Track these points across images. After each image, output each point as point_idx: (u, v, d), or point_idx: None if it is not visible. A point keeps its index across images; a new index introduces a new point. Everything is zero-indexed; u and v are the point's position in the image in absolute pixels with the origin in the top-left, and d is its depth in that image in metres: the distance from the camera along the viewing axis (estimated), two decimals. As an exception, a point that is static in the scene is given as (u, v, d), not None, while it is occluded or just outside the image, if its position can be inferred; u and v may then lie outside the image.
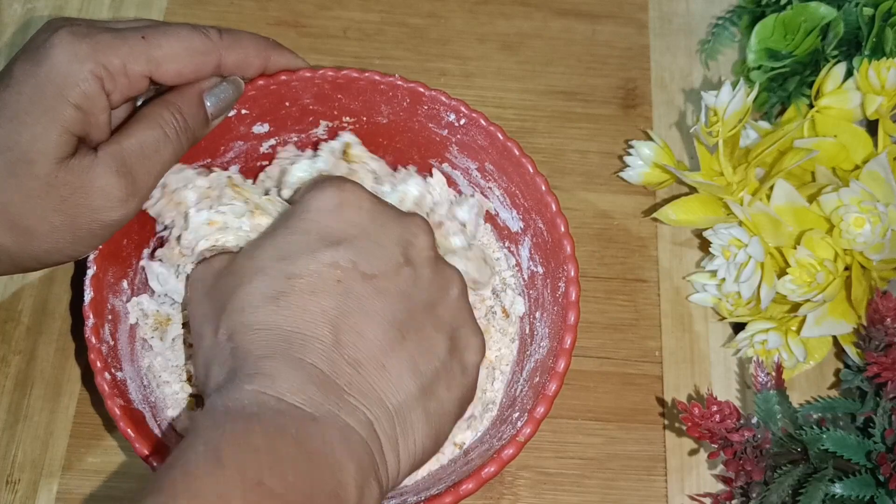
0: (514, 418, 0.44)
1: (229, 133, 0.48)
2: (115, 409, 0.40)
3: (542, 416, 0.41)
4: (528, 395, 0.44)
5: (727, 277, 0.50)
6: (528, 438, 0.41)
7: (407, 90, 0.48)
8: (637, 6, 0.62)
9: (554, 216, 0.45)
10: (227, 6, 0.61)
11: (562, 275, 0.45)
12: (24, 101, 0.39)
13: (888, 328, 0.47)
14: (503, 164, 0.48)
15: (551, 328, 0.45)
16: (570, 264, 0.44)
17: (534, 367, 0.45)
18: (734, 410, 0.45)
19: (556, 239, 0.45)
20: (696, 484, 0.49)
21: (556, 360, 0.42)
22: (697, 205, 0.53)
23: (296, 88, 0.47)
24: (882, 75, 0.52)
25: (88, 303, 0.42)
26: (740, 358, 0.52)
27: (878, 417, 0.45)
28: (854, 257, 0.49)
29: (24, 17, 0.60)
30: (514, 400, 0.45)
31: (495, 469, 0.40)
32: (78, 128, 0.40)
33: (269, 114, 0.48)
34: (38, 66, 0.40)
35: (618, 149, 0.58)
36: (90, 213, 0.41)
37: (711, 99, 0.52)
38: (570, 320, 0.43)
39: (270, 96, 0.47)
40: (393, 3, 0.62)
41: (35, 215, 0.40)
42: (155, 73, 0.42)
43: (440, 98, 0.47)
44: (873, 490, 0.43)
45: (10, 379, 0.50)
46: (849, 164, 0.52)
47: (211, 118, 0.45)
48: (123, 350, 0.44)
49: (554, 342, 0.44)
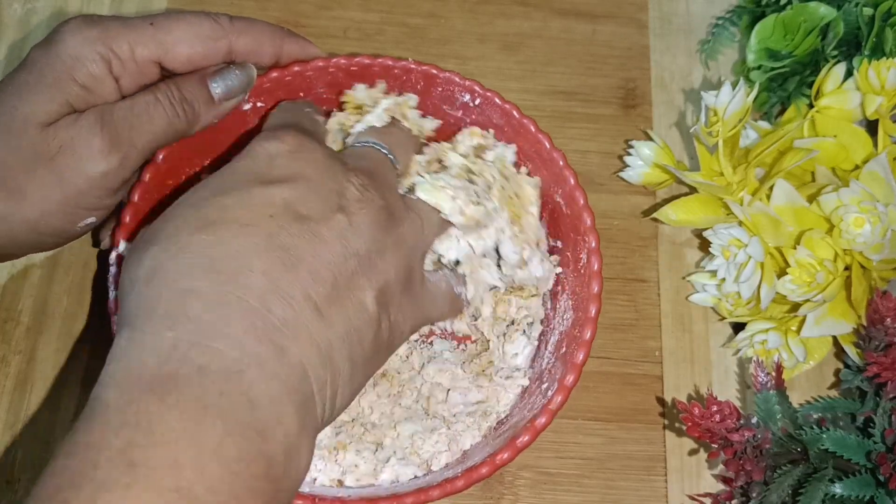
0: (543, 388, 0.44)
1: (244, 126, 0.48)
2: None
3: (572, 384, 0.42)
4: (556, 365, 0.45)
5: (727, 277, 0.50)
6: (559, 406, 0.41)
7: (420, 73, 0.48)
8: (637, 6, 0.62)
9: (573, 189, 0.46)
10: (227, 6, 0.61)
11: (583, 246, 0.45)
12: (33, 79, 0.42)
13: (888, 328, 0.47)
14: (519, 142, 0.48)
15: (575, 300, 0.46)
16: (590, 235, 0.45)
17: (559, 339, 0.46)
18: (734, 410, 0.45)
19: (576, 212, 0.46)
20: (696, 484, 0.49)
21: (581, 329, 0.43)
22: (697, 205, 0.53)
23: (310, 79, 0.48)
24: (882, 75, 0.52)
25: (112, 277, 0.43)
26: (740, 358, 0.52)
27: (878, 417, 0.45)
28: (854, 257, 0.49)
29: (24, 17, 0.60)
30: (542, 373, 0.46)
31: (529, 438, 0.41)
32: (81, 104, 0.42)
33: None
34: (49, 48, 0.42)
35: (618, 149, 0.58)
36: (74, 164, 0.42)
37: (711, 99, 0.52)
38: (593, 289, 0.44)
39: (286, 87, 0.48)
40: (393, 3, 0.62)
41: (25, 174, 0.41)
42: (164, 58, 0.43)
43: (454, 79, 0.48)
44: (873, 490, 0.43)
45: (10, 379, 0.50)
46: (849, 165, 0.52)
47: (217, 100, 0.45)
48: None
49: (579, 312, 0.44)
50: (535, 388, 0.46)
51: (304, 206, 0.37)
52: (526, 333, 0.48)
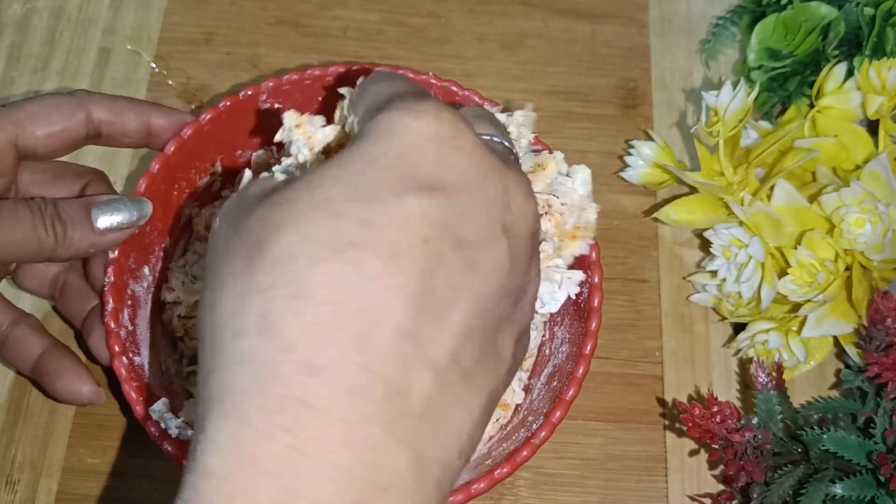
0: (529, 421, 0.44)
1: (261, 126, 0.48)
2: (131, 393, 0.40)
3: (559, 420, 0.41)
4: (545, 398, 0.44)
5: (728, 278, 0.50)
6: (542, 441, 0.41)
7: (440, 88, 0.47)
8: (637, 6, 0.62)
9: None
10: (228, 6, 0.61)
11: (585, 280, 0.45)
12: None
13: (889, 328, 0.46)
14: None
15: (571, 333, 0.45)
16: (594, 269, 0.44)
17: (552, 372, 0.45)
18: (735, 411, 0.45)
19: None
20: (697, 484, 0.49)
21: (575, 365, 0.42)
22: (698, 205, 0.53)
23: (330, 84, 0.47)
24: (883, 75, 0.52)
25: (108, 287, 0.42)
26: (741, 358, 0.52)
27: (879, 418, 0.45)
28: (855, 257, 0.49)
29: (23, 17, 0.60)
30: (532, 403, 0.45)
31: (508, 470, 0.40)
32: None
33: (302, 108, 0.48)
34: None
35: (618, 149, 0.58)
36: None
37: (712, 99, 0.52)
38: (591, 326, 0.43)
39: (304, 91, 0.47)
40: (393, 2, 0.62)
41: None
42: (21, 136, 0.40)
43: (473, 98, 0.47)
44: (874, 491, 0.43)
45: (10, 379, 0.50)
46: (849, 164, 0.52)
47: (99, 230, 0.40)
48: (142, 335, 0.45)
49: (574, 347, 0.44)
50: (518, 423, 0.45)
51: (463, 226, 0.28)
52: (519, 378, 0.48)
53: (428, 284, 0.27)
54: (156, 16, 0.60)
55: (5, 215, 0.38)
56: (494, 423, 0.46)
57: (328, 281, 0.26)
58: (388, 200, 0.27)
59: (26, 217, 0.39)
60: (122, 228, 0.41)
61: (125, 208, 0.41)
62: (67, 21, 0.59)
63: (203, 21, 0.60)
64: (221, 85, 0.58)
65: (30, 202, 0.40)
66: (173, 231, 0.47)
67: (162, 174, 0.44)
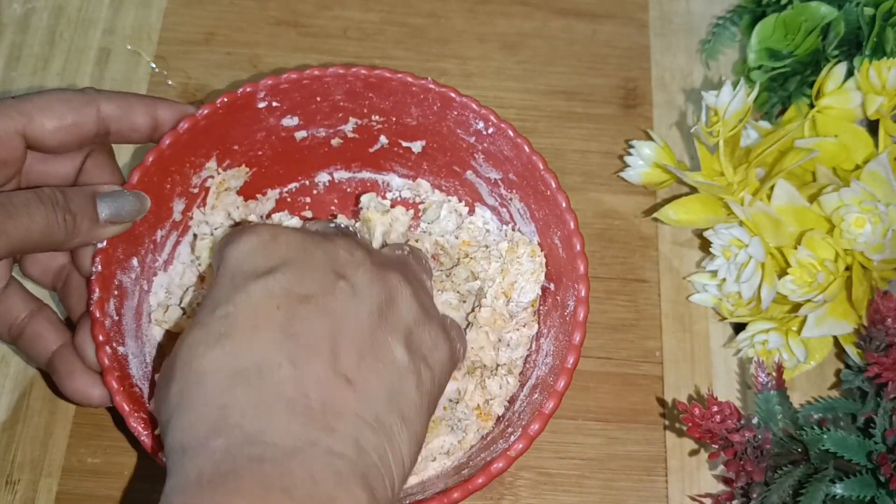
0: (507, 433, 0.44)
1: (258, 124, 0.48)
2: (112, 383, 0.41)
3: (536, 433, 0.41)
4: (525, 411, 0.44)
5: (728, 277, 0.50)
6: (518, 454, 0.41)
7: (438, 94, 0.47)
8: (637, 6, 0.62)
9: (571, 234, 0.45)
10: (228, 6, 0.61)
11: (572, 293, 0.45)
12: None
13: (889, 328, 0.46)
14: (526, 177, 0.47)
15: (556, 345, 0.45)
16: (581, 284, 0.44)
17: (534, 385, 0.45)
18: (735, 411, 0.45)
19: (571, 257, 0.45)
20: (697, 484, 0.49)
21: (556, 378, 0.42)
22: (698, 205, 0.53)
23: (328, 84, 0.47)
24: (883, 75, 0.52)
25: (95, 277, 0.42)
26: (741, 358, 0.52)
27: (879, 418, 0.45)
28: (855, 257, 0.49)
29: (23, 17, 0.59)
30: (514, 416, 0.45)
31: (483, 481, 0.40)
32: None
33: (300, 108, 0.48)
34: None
35: (618, 149, 0.58)
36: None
37: (712, 99, 0.52)
38: (574, 340, 0.43)
39: (302, 90, 0.47)
40: (393, 2, 0.62)
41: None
42: (29, 126, 0.41)
43: (471, 105, 0.47)
44: (874, 491, 0.43)
45: (10, 379, 0.50)
46: (849, 164, 0.52)
47: (102, 222, 0.42)
48: (128, 326, 0.45)
49: (557, 360, 0.44)
50: (498, 434, 0.45)
51: (303, 287, 0.37)
52: (505, 377, 0.48)
53: (290, 332, 0.35)
54: (156, 16, 0.60)
55: (21, 208, 0.39)
56: (476, 433, 0.46)
57: (215, 361, 0.35)
58: (237, 296, 0.36)
59: (40, 209, 0.40)
60: (123, 221, 0.43)
61: (127, 201, 0.43)
62: (67, 21, 0.59)
63: (203, 21, 0.60)
64: (221, 84, 0.58)
65: (41, 193, 0.40)
66: (163, 223, 0.47)
67: (155, 167, 0.45)
